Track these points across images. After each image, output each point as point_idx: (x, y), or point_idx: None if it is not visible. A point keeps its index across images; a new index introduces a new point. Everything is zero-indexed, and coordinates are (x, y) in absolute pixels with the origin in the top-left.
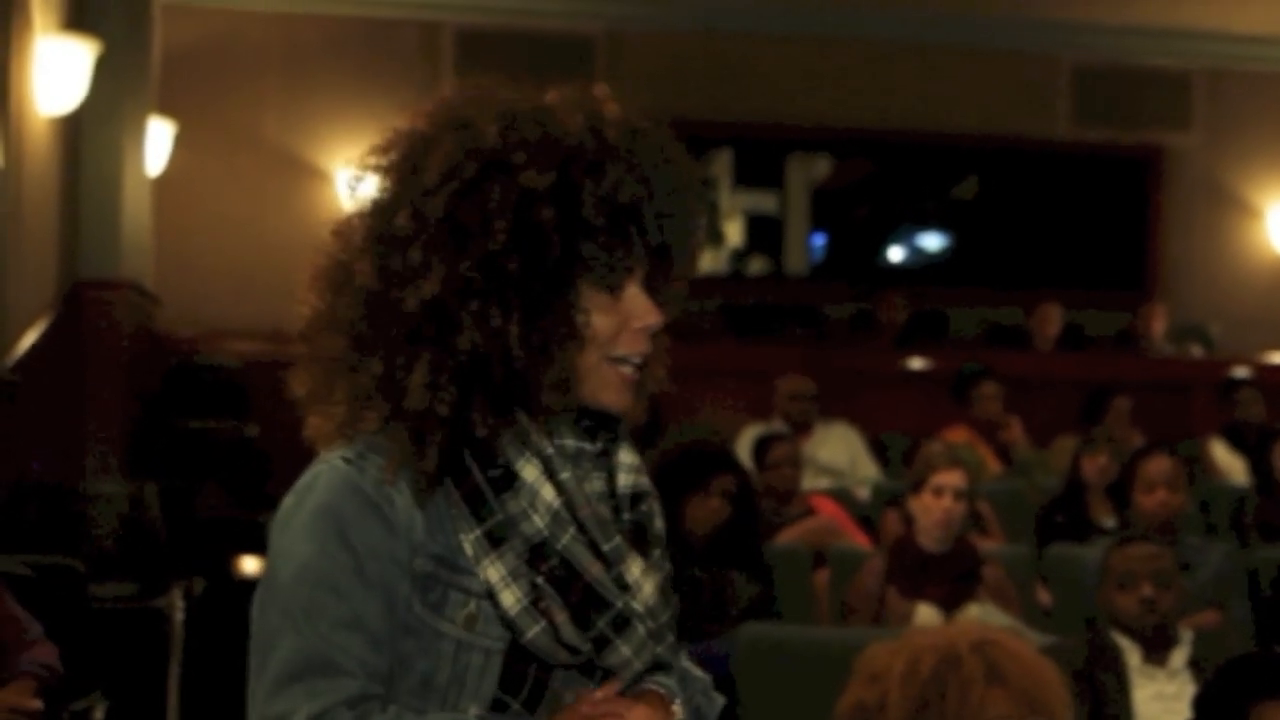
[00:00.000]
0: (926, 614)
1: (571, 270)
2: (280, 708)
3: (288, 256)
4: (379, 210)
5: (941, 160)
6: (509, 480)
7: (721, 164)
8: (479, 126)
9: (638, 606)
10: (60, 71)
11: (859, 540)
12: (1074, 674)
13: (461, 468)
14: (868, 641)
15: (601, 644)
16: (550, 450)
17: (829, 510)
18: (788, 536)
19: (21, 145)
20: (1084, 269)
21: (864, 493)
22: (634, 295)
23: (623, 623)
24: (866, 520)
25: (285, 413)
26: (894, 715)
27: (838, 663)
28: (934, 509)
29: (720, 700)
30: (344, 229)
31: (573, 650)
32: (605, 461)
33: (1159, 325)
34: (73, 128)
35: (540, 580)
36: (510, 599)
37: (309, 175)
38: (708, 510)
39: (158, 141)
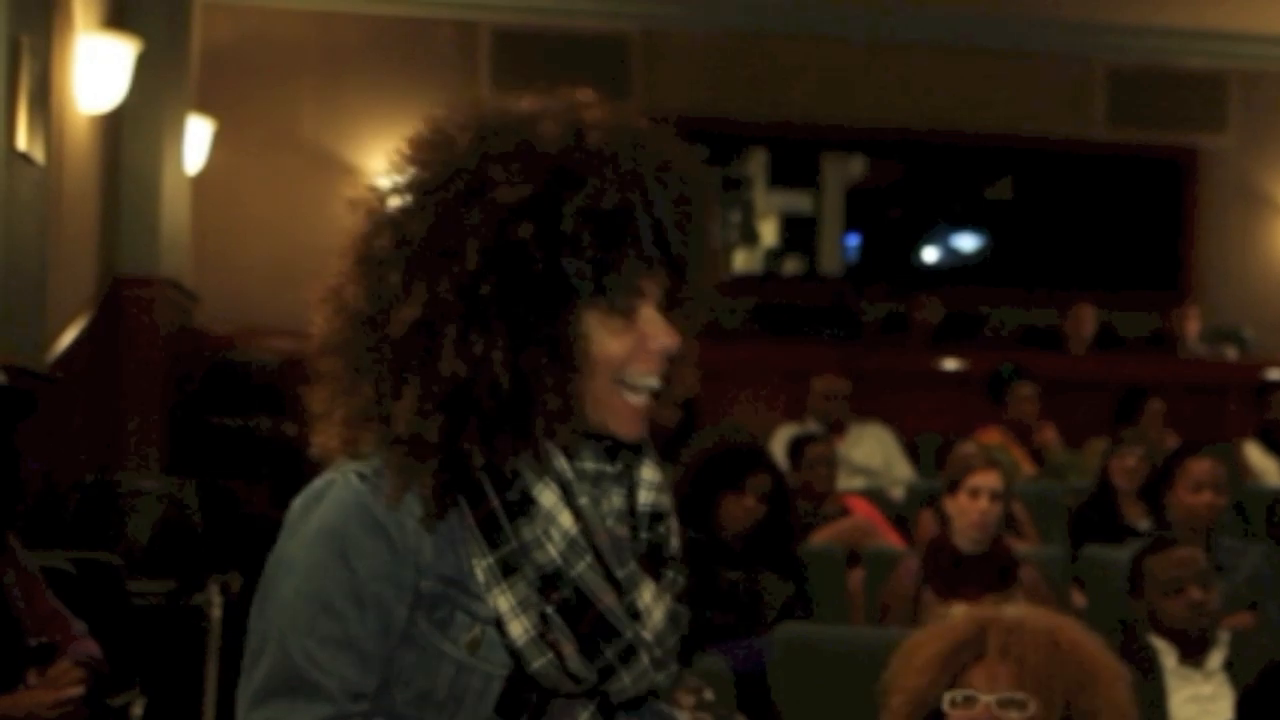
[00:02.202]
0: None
1: (561, 290)
2: (259, 717)
3: (325, 254)
4: (366, 232)
5: (976, 161)
6: (525, 505)
7: (757, 164)
8: (457, 141)
9: (646, 635)
10: (101, 69)
11: (893, 540)
12: None
13: (477, 490)
14: (902, 642)
15: (607, 674)
16: (570, 475)
17: (863, 510)
18: (822, 536)
19: (62, 143)
20: (1118, 270)
21: (898, 493)
22: (648, 316)
23: (630, 653)
24: (900, 520)
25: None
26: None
27: (872, 663)
28: (970, 510)
29: None
30: (345, 250)
31: (577, 680)
32: (626, 477)
33: (1193, 327)
34: (113, 125)
35: (550, 610)
36: (519, 629)
37: (346, 173)
38: (742, 509)
39: (196, 139)
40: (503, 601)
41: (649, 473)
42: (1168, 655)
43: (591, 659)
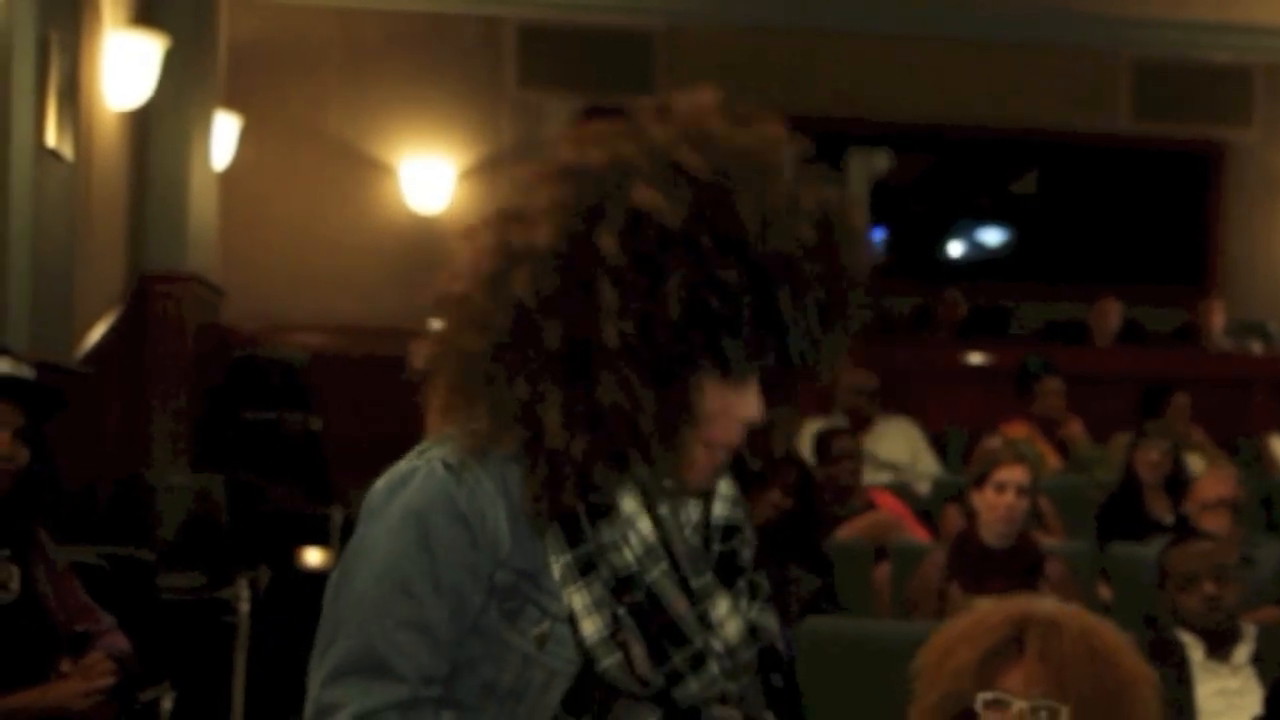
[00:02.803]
0: None
1: (703, 351)
2: (332, 697)
3: (350, 250)
4: (548, 223)
5: (1001, 155)
6: (606, 508)
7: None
8: (668, 190)
9: (717, 645)
10: (129, 66)
11: (919, 535)
12: None
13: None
14: (929, 635)
15: (674, 679)
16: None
17: (889, 505)
18: (848, 531)
19: (91, 139)
20: (1144, 265)
21: (924, 487)
22: (748, 384)
23: (699, 661)
24: (926, 515)
25: (348, 406)
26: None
27: (899, 657)
28: (997, 504)
29: None
30: (517, 215)
31: (643, 683)
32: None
33: (1218, 320)
34: (141, 122)
35: (622, 612)
36: (591, 628)
37: (371, 169)
38: (769, 503)
39: (223, 135)
40: (578, 600)
41: (725, 487)
42: (1194, 649)
43: (659, 663)
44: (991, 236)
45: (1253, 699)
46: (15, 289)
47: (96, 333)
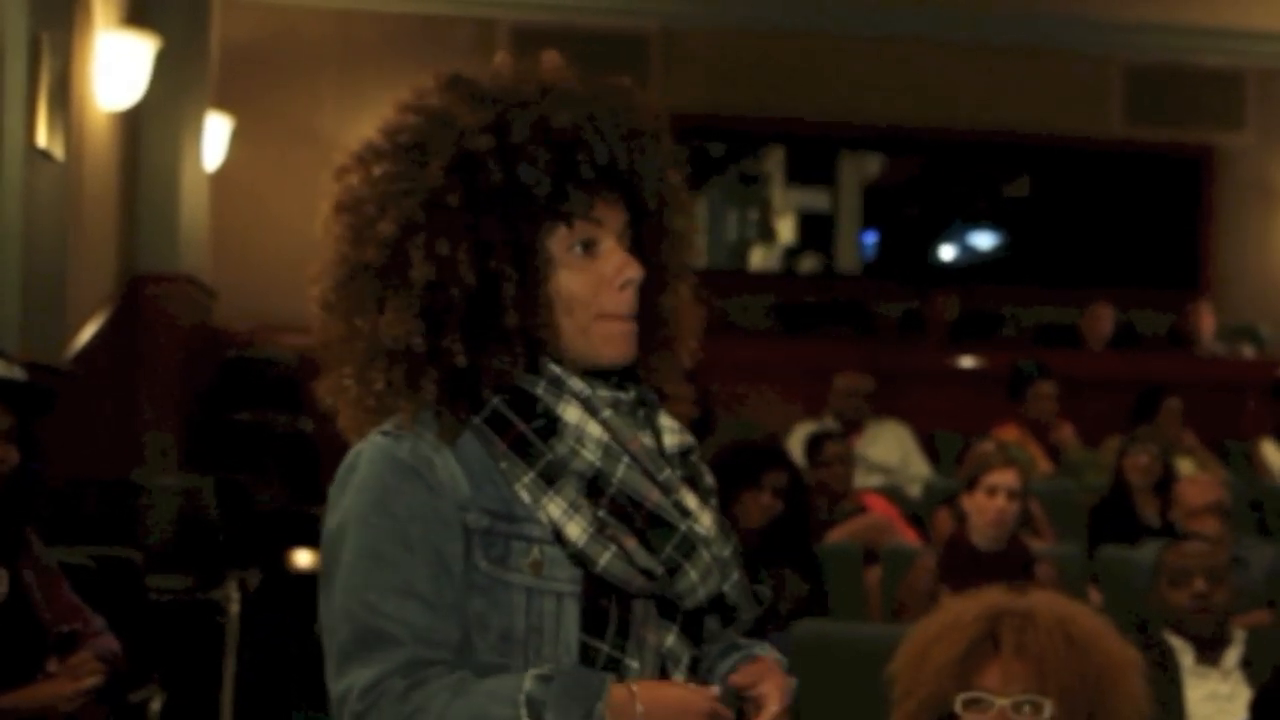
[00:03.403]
0: None
1: (520, 201)
2: (342, 686)
3: None
4: (344, 185)
5: (993, 159)
6: (551, 424)
7: (774, 161)
8: (427, 95)
9: (701, 530)
10: (120, 66)
11: (910, 538)
12: None
13: (501, 420)
14: (910, 634)
15: (673, 567)
16: (589, 392)
17: (880, 508)
18: (839, 534)
19: (82, 140)
20: (1136, 268)
21: (915, 490)
22: (609, 250)
23: (689, 547)
24: (917, 518)
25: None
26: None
27: (889, 660)
28: (988, 508)
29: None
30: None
31: (648, 575)
32: (647, 420)
33: (1208, 323)
34: (132, 122)
35: (603, 513)
36: (576, 530)
37: None
38: (760, 506)
39: (215, 136)
40: (553, 508)
41: (667, 419)
42: (1184, 654)
43: (653, 552)
44: (983, 240)
45: (1242, 703)
46: (6, 289)
47: (87, 333)
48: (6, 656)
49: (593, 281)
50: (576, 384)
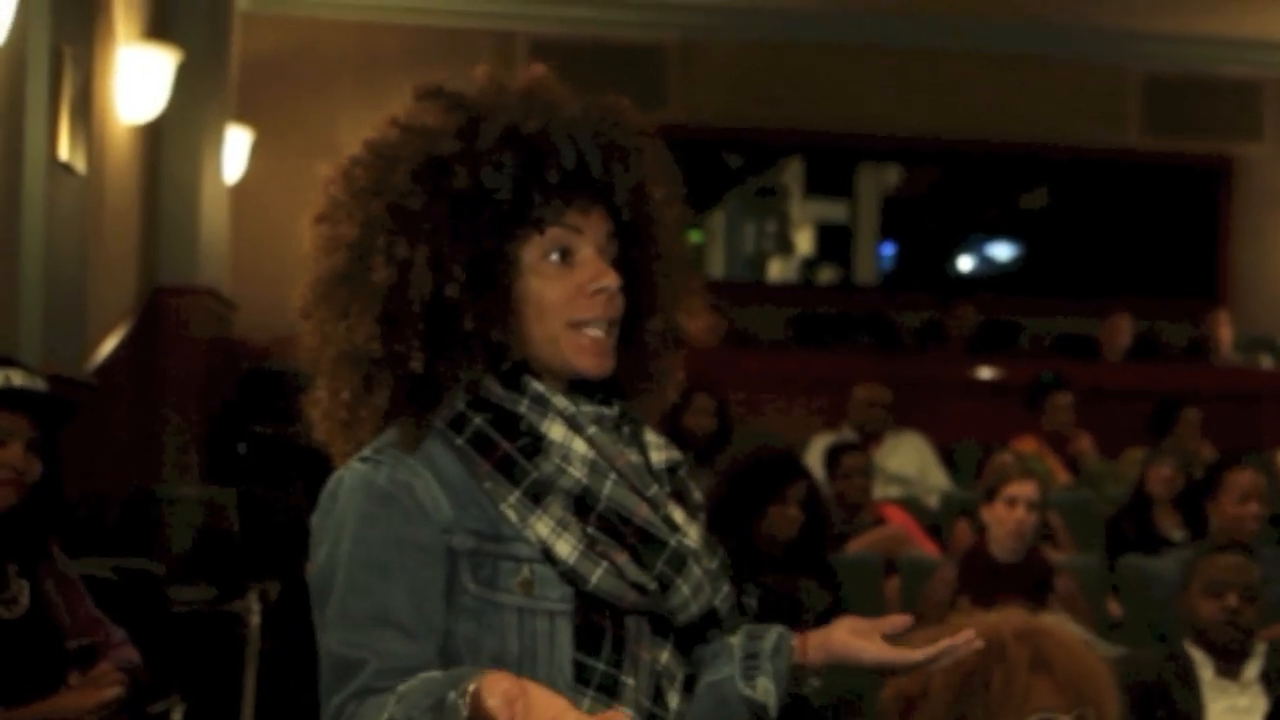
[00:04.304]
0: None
1: (486, 208)
2: (326, 717)
3: None
4: (326, 200)
5: (1011, 170)
6: (536, 442)
7: (792, 173)
8: (408, 108)
9: (689, 545)
10: (142, 79)
11: (928, 549)
12: (1147, 686)
13: (485, 440)
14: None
15: (665, 584)
16: (573, 409)
17: (899, 519)
18: (858, 545)
19: (104, 153)
20: (1154, 279)
21: (934, 502)
22: (586, 259)
23: (679, 562)
24: (936, 529)
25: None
26: (936, 702)
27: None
28: (1007, 519)
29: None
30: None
31: (640, 590)
32: (633, 436)
33: (1225, 333)
34: (153, 135)
35: (592, 530)
36: (566, 548)
37: None
38: (787, 519)
39: (235, 149)
40: (542, 526)
41: (652, 435)
42: (1204, 666)
43: (645, 568)
44: (1001, 251)
45: (1259, 716)
46: (27, 301)
47: (108, 345)
48: (28, 668)
49: (567, 289)
50: (560, 401)
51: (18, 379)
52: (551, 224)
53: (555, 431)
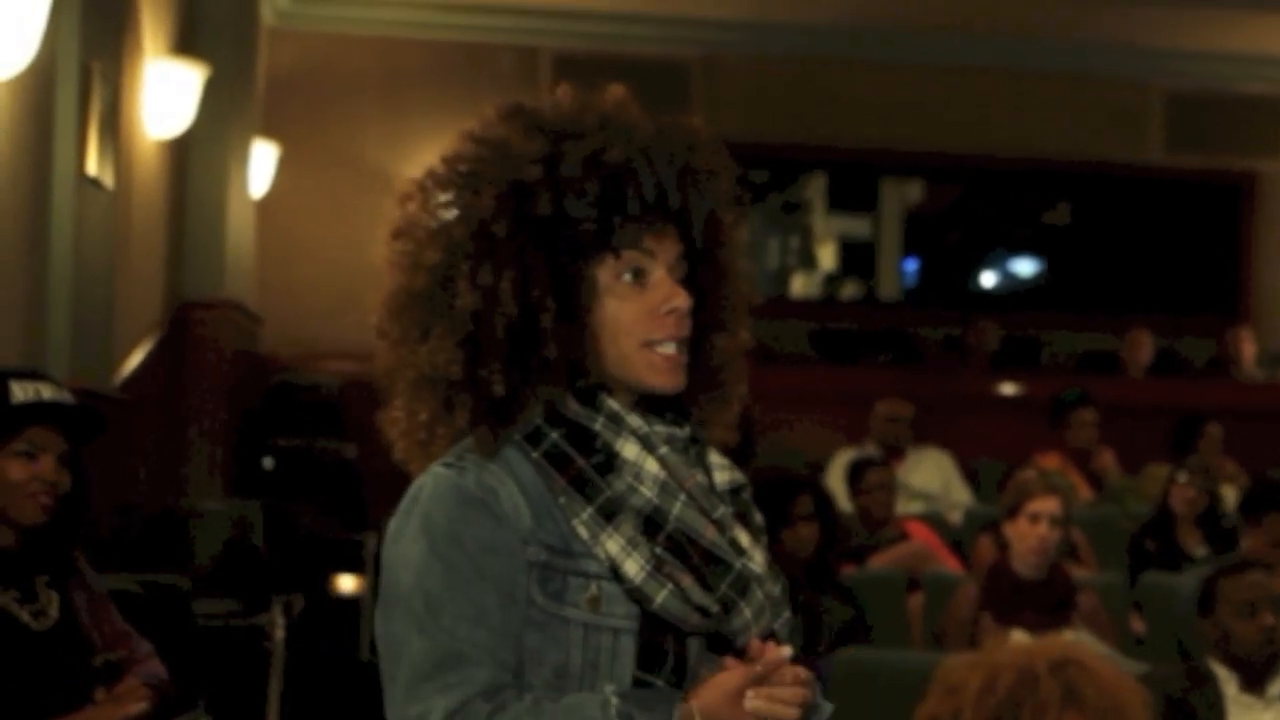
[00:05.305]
0: (1021, 641)
1: (568, 234)
2: (416, 710)
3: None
4: (405, 217)
5: (1034, 186)
6: (610, 460)
7: (815, 188)
8: (489, 124)
9: (754, 568)
10: (169, 95)
11: (951, 565)
12: (1170, 702)
13: (562, 456)
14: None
15: (728, 606)
16: (646, 429)
17: (922, 535)
18: (881, 561)
19: (131, 167)
20: (1176, 295)
21: (956, 517)
22: (659, 280)
23: (743, 585)
24: (958, 545)
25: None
26: None
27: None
28: (1030, 535)
29: (829, 707)
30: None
31: (703, 613)
32: (699, 458)
33: (1248, 350)
34: (180, 150)
35: (660, 550)
36: (633, 568)
37: None
38: (808, 535)
39: (261, 164)
40: (612, 545)
41: (716, 457)
42: (1228, 683)
43: (709, 591)
44: (1024, 267)
45: None
46: (56, 315)
47: (135, 359)
48: (56, 682)
49: (641, 310)
50: (634, 420)
51: (47, 392)
52: (628, 248)
53: (629, 450)
